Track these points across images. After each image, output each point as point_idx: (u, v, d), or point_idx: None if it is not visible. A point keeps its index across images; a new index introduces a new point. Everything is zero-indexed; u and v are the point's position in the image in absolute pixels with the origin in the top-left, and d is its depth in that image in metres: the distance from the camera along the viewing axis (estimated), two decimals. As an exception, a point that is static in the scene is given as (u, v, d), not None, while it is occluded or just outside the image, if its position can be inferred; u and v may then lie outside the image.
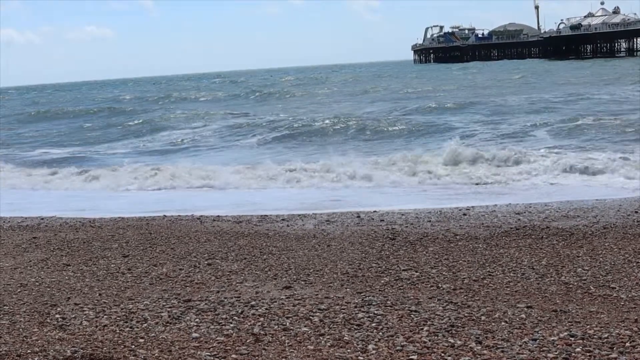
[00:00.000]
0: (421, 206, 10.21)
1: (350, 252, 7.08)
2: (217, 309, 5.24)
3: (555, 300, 5.20)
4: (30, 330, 4.88)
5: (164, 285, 6.03)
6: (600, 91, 33.35)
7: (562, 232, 7.67)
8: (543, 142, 17.84)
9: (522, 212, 9.10)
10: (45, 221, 10.01)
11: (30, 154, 22.33)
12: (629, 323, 4.58)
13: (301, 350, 4.30)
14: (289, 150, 19.59)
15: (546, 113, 24.36)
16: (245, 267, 6.59)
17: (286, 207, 10.76)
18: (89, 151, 22.56)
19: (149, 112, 36.74)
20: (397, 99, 37.36)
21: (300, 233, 8.30)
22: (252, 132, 24.81)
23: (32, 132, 30.34)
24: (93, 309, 5.35)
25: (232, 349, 4.36)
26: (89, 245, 7.98)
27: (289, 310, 5.13)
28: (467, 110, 27.45)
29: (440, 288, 5.64)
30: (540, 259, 6.47)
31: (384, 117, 26.10)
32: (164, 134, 26.39)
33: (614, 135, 17.97)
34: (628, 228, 7.75)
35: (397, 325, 4.71)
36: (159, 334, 4.71)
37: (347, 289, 5.69)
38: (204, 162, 17.56)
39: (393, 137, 21.22)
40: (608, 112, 23.37)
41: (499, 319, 4.78)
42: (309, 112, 30.68)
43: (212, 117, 31.09)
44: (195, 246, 7.67)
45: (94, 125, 31.92)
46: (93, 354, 4.31)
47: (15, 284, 6.25)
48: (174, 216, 10.01)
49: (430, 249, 7.11)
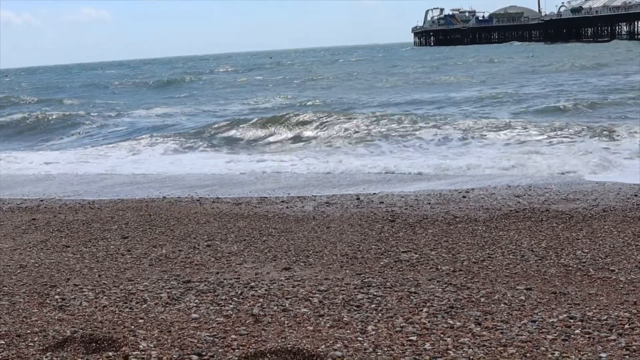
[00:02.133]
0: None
1: (349, 234, 7.08)
2: (217, 290, 5.24)
3: (554, 283, 5.21)
4: (29, 311, 4.88)
5: (164, 267, 6.03)
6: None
7: (561, 215, 7.66)
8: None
9: (522, 195, 9.09)
10: (45, 202, 10.00)
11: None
12: (628, 305, 4.59)
13: (300, 331, 4.31)
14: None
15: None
16: (244, 249, 6.59)
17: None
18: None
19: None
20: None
21: (300, 215, 8.30)
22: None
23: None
24: (92, 290, 5.36)
25: (232, 329, 4.37)
26: (89, 226, 7.98)
27: (289, 292, 5.14)
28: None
29: (440, 270, 5.64)
30: (540, 242, 6.47)
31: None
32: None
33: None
34: (627, 211, 7.75)
35: (397, 306, 4.72)
36: (158, 315, 4.71)
37: (347, 271, 5.70)
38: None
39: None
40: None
41: (499, 300, 4.78)
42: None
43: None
44: (195, 228, 7.67)
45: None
46: (93, 334, 4.31)
47: (15, 265, 6.25)
48: (173, 198, 10.01)
49: (430, 231, 7.11)
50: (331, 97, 29.30)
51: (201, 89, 42.69)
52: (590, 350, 3.84)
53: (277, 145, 16.76)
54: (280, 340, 4.13)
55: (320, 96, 29.65)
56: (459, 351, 3.87)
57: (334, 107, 24.59)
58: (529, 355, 3.79)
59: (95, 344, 4.17)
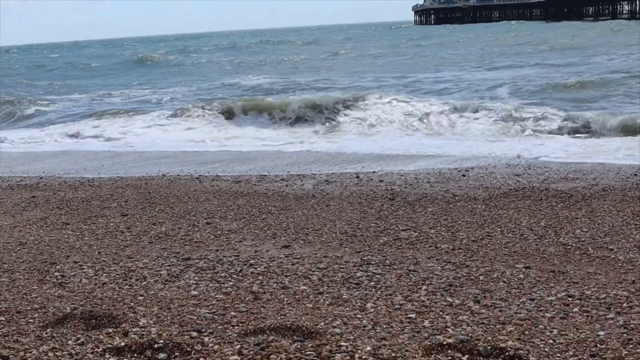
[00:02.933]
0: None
1: (349, 212, 7.08)
2: (216, 267, 5.25)
3: (553, 261, 5.22)
4: (29, 288, 4.89)
5: (163, 244, 6.04)
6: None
7: (561, 194, 7.67)
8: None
9: (522, 174, 9.09)
10: (44, 180, 10.00)
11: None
12: (627, 284, 4.60)
13: (300, 308, 4.32)
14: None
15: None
16: (244, 226, 6.59)
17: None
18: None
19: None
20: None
21: (299, 193, 8.30)
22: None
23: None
24: (92, 267, 5.37)
25: (231, 306, 4.38)
26: (88, 204, 7.98)
27: (288, 269, 5.15)
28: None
29: (439, 248, 5.65)
30: (539, 220, 6.47)
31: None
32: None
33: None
34: (627, 190, 7.75)
35: (396, 284, 4.73)
36: (158, 292, 4.72)
37: (346, 249, 5.71)
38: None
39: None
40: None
41: (497, 278, 4.80)
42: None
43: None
44: (194, 205, 7.67)
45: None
46: (92, 310, 4.33)
47: (15, 242, 6.26)
48: (172, 176, 10.00)
49: (429, 209, 7.12)
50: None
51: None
52: (589, 329, 3.85)
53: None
54: (279, 318, 4.14)
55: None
56: (458, 329, 3.88)
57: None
58: (527, 333, 3.80)
59: (95, 321, 4.18)
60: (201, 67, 39.90)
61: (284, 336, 3.85)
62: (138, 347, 3.71)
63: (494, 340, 3.69)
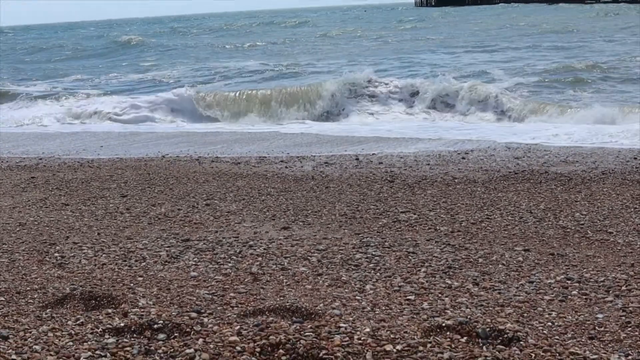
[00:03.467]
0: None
1: (348, 194, 7.08)
2: (216, 248, 5.25)
3: (552, 244, 5.22)
4: (29, 268, 4.90)
5: (163, 225, 6.04)
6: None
7: (560, 177, 7.66)
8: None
9: (521, 157, 9.08)
10: (44, 161, 9.99)
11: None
12: (625, 267, 4.61)
13: (299, 290, 4.33)
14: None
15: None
16: (243, 208, 6.59)
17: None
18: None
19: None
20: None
21: (299, 174, 8.30)
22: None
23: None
24: (92, 248, 5.37)
25: (231, 287, 4.39)
26: (88, 185, 7.98)
27: (287, 251, 5.15)
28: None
29: (438, 230, 5.65)
30: (539, 203, 6.47)
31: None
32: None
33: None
34: (627, 174, 7.74)
35: (395, 266, 4.74)
36: (157, 273, 4.73)
37: (345, 230, 5.71)
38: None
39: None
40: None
41: (497, 261, 4.80)
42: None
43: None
44: (194, 187, 7.66)
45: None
46: (92, 291, 4.33)
47: (14, 223, 6.26)
48: (172, 157, 9.99)
49: (429, 191, 7.11)
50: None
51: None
52: (587, 311, 3.86)
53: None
54: (278, 299, 4.15)
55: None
56: (457, 311, 3.89)
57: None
58: (526, 315, 3.81)
59: (94, 301, 4.19)
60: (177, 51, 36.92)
61: (283, 317, 3.86)
62: (137, 327, 3.72)
63: (493, 322, 3.69)
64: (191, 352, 3.40)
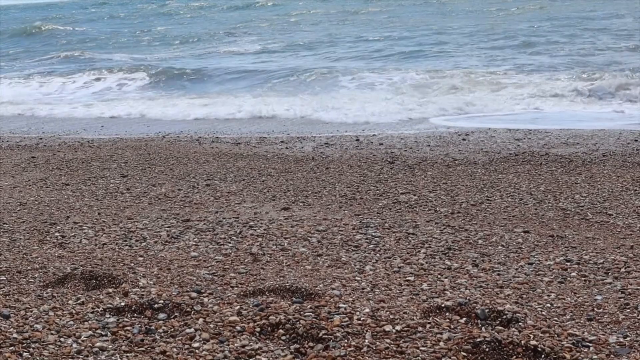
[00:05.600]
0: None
1: (348, 175, 7.08)
2: (216, 228, 5.26)
3: (552, 226, 5.23)
4: (30, 248, 4.91)
5: (163, 205, 6.05)
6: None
7: (561, 159, 7.66)
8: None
9: (522, 139, 9.07)
10: (44, 141, 9.99)
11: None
12: (625, 249, 4.62)
13: (299, 270, 4.34)
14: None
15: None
16: (243, 189, 6.60)
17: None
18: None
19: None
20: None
21: (299, 155, 8.30)
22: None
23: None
24: (92, 228, 5.38)
25: (231, 267, 4.40)
26: (88, 165, 7.98)
27: (287, 231, 5.16)
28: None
29: (438, 212, 5.66)
30: (539, 185, 6.48)
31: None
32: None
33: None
34: (627, 156, 7.74)
35: (395, 247, 4.75)
36: (157, 253, 4.74)
37: (345, 211, 5.71)
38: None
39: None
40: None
41: (496, 242, 4.81)
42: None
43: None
44: (194, 167, 7.67)
45: None
46: (92, 271, 4.34)
47: (15, 202, 6.27)
48: (172, 137, 9.98)
49: (429, 173, 7.12)
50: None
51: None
52: (586, 293, 3.88)
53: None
54: (278, 279, 4.16)
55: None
56: (456, 292, 3.91)
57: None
58: (525, 297, 3.82)
59: (95, 281, 4.20)
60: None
61: (283, 297, 3.87)
62: (138, 307, 3.73)
63: (492, 303, 3.71)
64: (191, 331, 3.41)
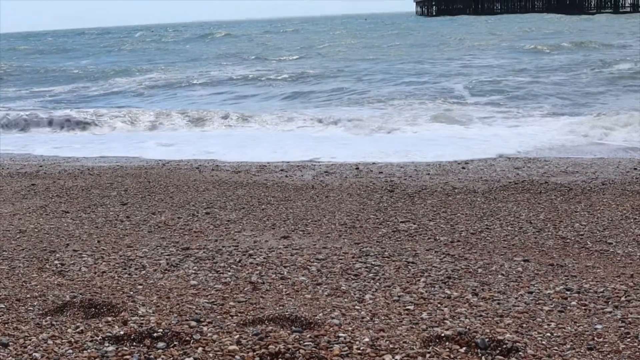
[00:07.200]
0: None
1: (348, 204, 7.09)
2: (215, 257, 5.26)
3: (552, 255, 5.23)
4: (29, 276, 4.90)
5: (163, 233, 6.05)
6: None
7: (560, 187, 7.67)
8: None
9: (521, 167, 9.09)
10: (44, 168, 10.01)
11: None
12: (625, 278, 4.61)
13: (298, 299, 4.33)
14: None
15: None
16: (243, 217, 6.60)
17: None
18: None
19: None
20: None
21: (299, 184, 8.31)
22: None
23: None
24: (92, 256, 5.38)
25: (230, 296, 4.39)
26: (88, 192, 7.99)
27: (287, 260, 5.16)
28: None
29: (438, 240, 5.66)
30: (538, 214, 6.48)
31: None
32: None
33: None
34: (627, 184, 7.75)
35: (394, 276, 4.74)
36: (157, 281, 4.74)
37: (345, 240, 5.71)
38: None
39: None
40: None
41: (496, 271, 4.81)
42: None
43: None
44: (194, 195, 7.68)
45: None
46: (92, 299, 4.34)
47: (14, 230, 6.27)
48: (172, 165, 10.00)
49: (429, 201, 7.12)
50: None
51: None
52: (586, 322, 3.87)
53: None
54: (278, 308, 4.15)
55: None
56: (456, 321, 3.90)
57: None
58: (525, 326, 3.81)
59: (94, 309, 4.19)
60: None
61: (282, 326, 3.86)
62: (137, 335, 3.72)
63: (492, 332, 3.70)
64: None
